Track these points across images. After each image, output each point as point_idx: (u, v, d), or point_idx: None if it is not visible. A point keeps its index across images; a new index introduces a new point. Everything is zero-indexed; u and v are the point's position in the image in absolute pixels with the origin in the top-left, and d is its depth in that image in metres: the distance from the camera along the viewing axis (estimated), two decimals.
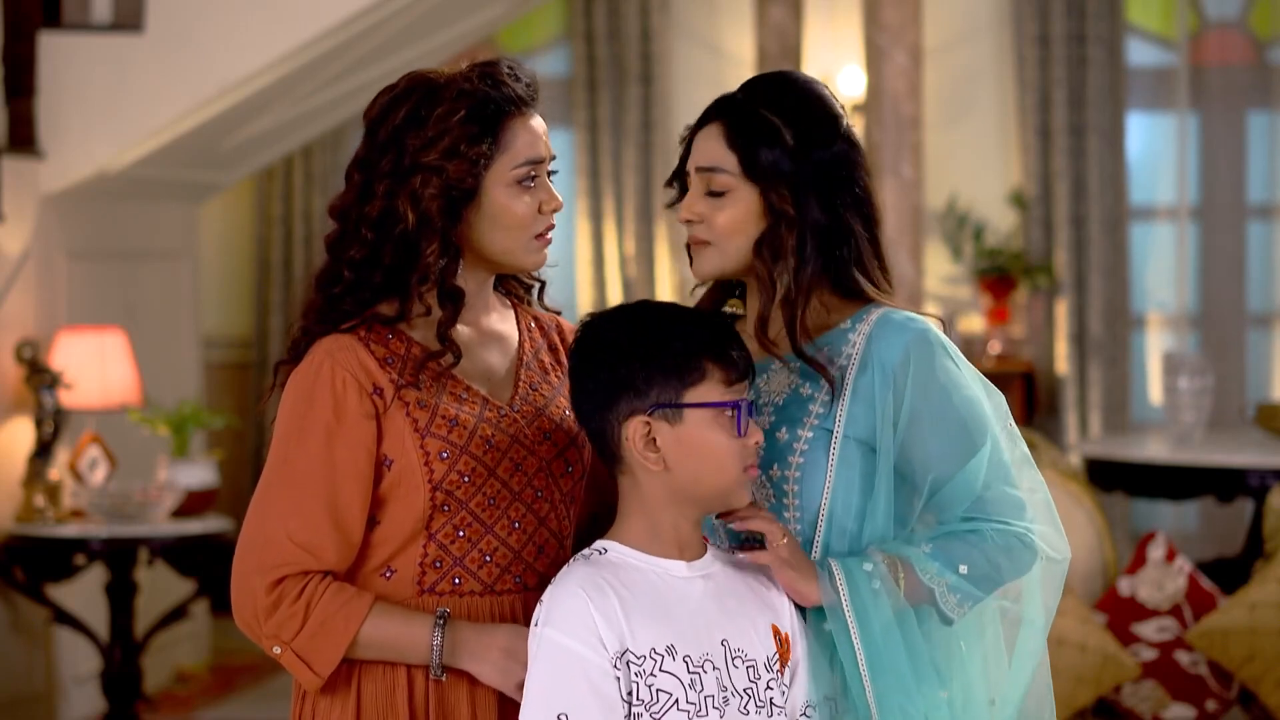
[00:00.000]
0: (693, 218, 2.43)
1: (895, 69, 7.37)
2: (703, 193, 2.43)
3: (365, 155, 2.42)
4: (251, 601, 2.34)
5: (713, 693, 2.25)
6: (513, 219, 2.41)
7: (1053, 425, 8.07)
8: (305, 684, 2.36)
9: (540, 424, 2.46)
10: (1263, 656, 4.96)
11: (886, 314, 2.43)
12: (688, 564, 2.30)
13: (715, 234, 2.42)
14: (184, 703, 6.44)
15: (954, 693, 2.41)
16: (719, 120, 2.44)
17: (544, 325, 2.58)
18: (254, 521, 2.37)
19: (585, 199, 8.34)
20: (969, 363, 2.46)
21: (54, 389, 5.75)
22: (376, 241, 2.39)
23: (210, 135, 6.33)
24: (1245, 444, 6.49)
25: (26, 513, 5.72)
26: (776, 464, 2.40)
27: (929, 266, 8.14)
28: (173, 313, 6.90)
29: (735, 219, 2.42)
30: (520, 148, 2.41)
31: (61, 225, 6.09)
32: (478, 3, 6.95)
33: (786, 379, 2.44)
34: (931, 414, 2.38)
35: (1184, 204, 8.15)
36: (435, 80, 2.41)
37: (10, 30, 5.85)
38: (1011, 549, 2.41)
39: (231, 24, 5.90)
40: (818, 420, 2.40)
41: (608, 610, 2.23)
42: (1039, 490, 2.50)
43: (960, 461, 2.38)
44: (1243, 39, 8.25)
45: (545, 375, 2.52)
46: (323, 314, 2.42)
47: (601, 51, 8.32)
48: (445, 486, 2.37)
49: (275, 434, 2.39)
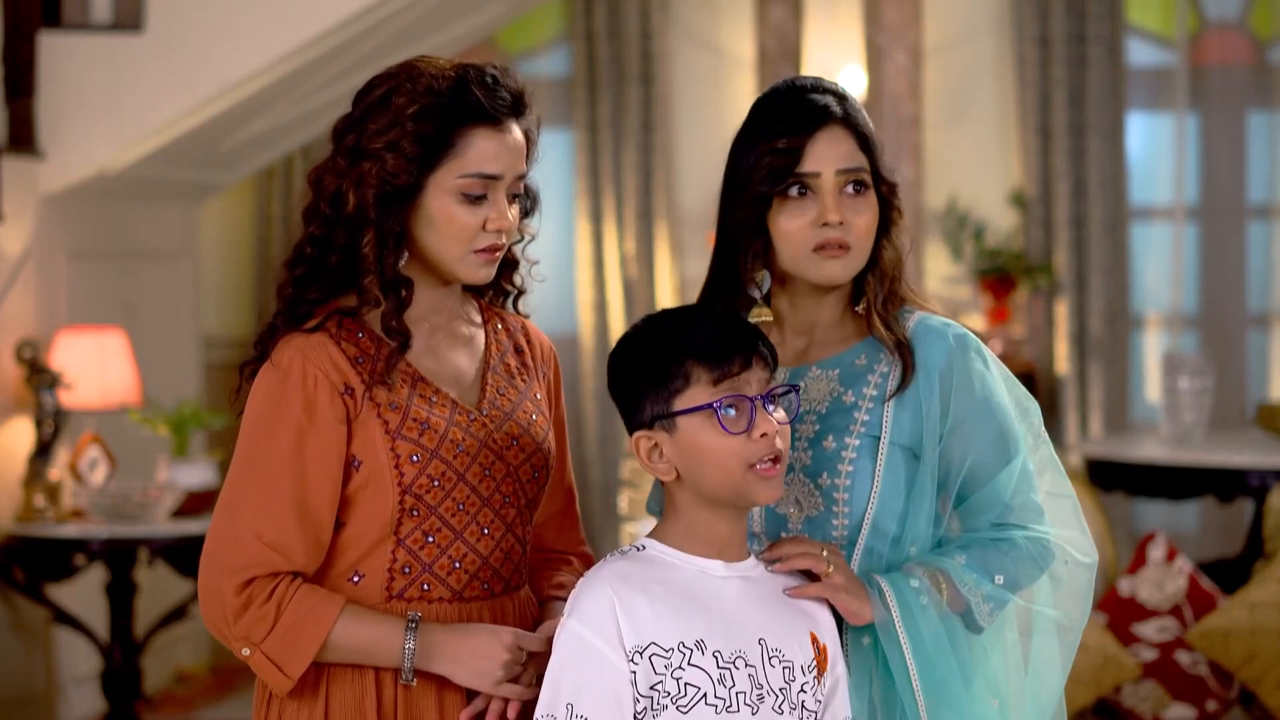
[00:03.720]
0: (841, 220, 2.42)
1: (895, 69, 7.38)
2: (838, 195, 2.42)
3: (342, 125, 2.40)
4: (220, 603, 2.31)
5: (745, 689, 2.25)
6: (450, 228, 2.37)
7: (1053, 425, 8.07)
8: (275, 687, 2.32)
9: (508, 429, 2.44)
10: (1263, 657, 4.96)
11: (924, 319, 2.46)
12: (726, 564, 2.30)
13: (856, 236, 2.43)
14: (184, 703, 6.44)
15: (1003, 698, 2.43)
16: (839, 125, 2.43)
17: (510, 327, 2.55)
18: (221, 521, 2.34)
19: (585, 199, 8.34)
20: (1002, 364, 2.49)
21: (54, 389, 5.75)
22: (331, 218, 2.36)
23: (210, 135, 6.33)
24: (1245, 444, 6.49)
25: (26, 513, 5.71)
26: (826, 473, 2.40)
27: (929, 266, 8.14)
28: (173, 313, 6.90)
29: (873, 221, 2.44)
30: (472, 158, 2.35)
31: (61, 225, 6.09)
32: (478, 3, 6.95)
33: (826, 385, 2.44)
34: (974, 421, 2.41)
35: (1184, 204, 8.15)
36: (421, 70, 2.37)
37: (10, 30, 5.85)
38: (1036, 556, 2.44)
39: (231, 24, 5.90)
40: (864, 428, 2.40)
41: (633, 606, 2.24)
42: (1068, 495, 2.52)
43: (996, 469, 2.42)
44: (1243, 39, 8.25)
45: (511, 379, 2.49)
46: (290, 307, 2.38)
47: (601, 51, 8.31)
48: (415, 490, 2.35)
49: (243, 431, 2.37)
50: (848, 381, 2.43)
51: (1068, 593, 2.48)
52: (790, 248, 2.42)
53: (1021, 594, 2.43)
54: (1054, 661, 2.49)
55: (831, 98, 2.43)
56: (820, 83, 2.46)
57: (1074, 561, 2.48)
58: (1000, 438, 2.42)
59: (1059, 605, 2.48)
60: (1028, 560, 2.42)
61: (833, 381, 2.44)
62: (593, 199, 8.35)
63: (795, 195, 2.41)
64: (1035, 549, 2.42)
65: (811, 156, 2.40)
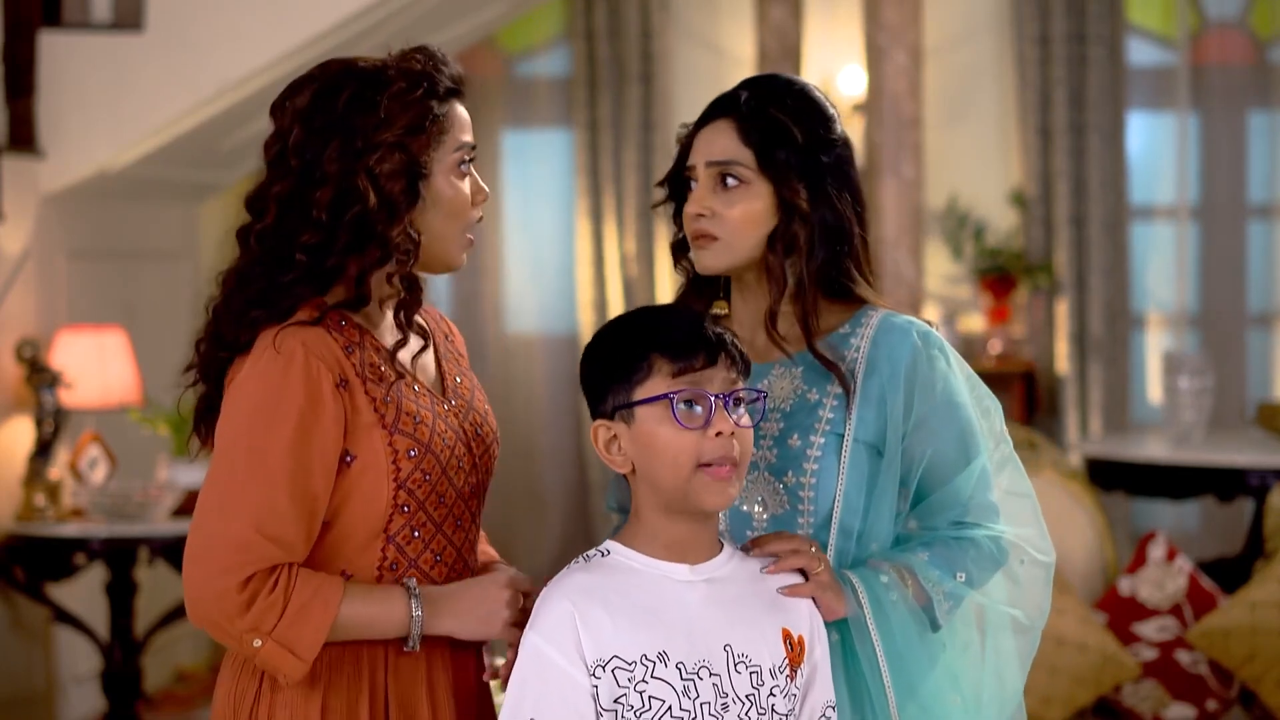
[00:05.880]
0: (704, 212, 2.43)
1: (896, 68, 7.37)
2: (713, 188, 2.44)
3: (302, 142, 2.36)
4: (219, 602, 2.26)
5: (709, 699, 2.23)
6: (455, 204, 2.39)
7: (1053, 425, 8.07)
8: (288, 673, 2.29)
9: (472, 419, 2.46)
10: (1263, 656, 4.96)
11: (887, 317, 2.45)
12: (690, 567, 2.28)
13: (726, 228, 2.43)
14: (184, 702, 6.45)
15: (964, 695, 2.43)
16: (728, 117, 2.45)
17: (435, 315, 2.57)
18: (214, 519, 2.28)
19: (585, 198, 8.34)
20: (964, 362, 2.48)
21: (54, 388, 5.75)
22: (330, 225, 2.34)
23: (210, 135, 6.33)
24: (1245, 444, 6.49)
25: (27, 512, 5.72)
26: (791, 471, 2.41)
27: (929, 266, 8.14)
28: (173, 312, 6.90)
29: (749, 213, 2.43)
30: (457, 131, 2.39)
31: (61, 225, 6.09)
32: (478, 2, 6.95)
33: (790, 384, 2.44)
34: (937, 420, 2.41)
35: (1184, 204, 8.15)
36: (365, 66, 2.38)
37: (10, 30, 5.85)
38: (994, 555, 2.45)
39: (231, 24, 5.90)
40: (829, 426, 2.41)
41: (593, 620, 2.22)
42: (1028, 494, 2.52)
43: (957, 468, 2.42)
44: (1243, 38, 8.25)
45: (459, 366, 2.52)
46: (268, 301, 2.35)
47: (602, 51, 8.32)
48: (408, 485, 2.34)
49: (233, 424, 2.31)
50: (811, 380, 2.43)
51: (1025, 592, 2.49)
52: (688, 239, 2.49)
53: (982, 593, 2.44)
54: (1013, 660, 2.49)
55: (745, 90, 2.46)
56: (761, 76, 2.49)
57: (1030, 560, 2.48)
58: (962, 437, 2.42)
59: (1016, 604, 2.48)
60: (986, 559, 2.43)
61: (796, 379, 2.44)
62: (593, 198, 8.35)
63: (692, 188, 2.47)
64: (990, 547, 2.43)
65: (694, 149, 2.47)
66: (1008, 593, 2.48)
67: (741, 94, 2.46)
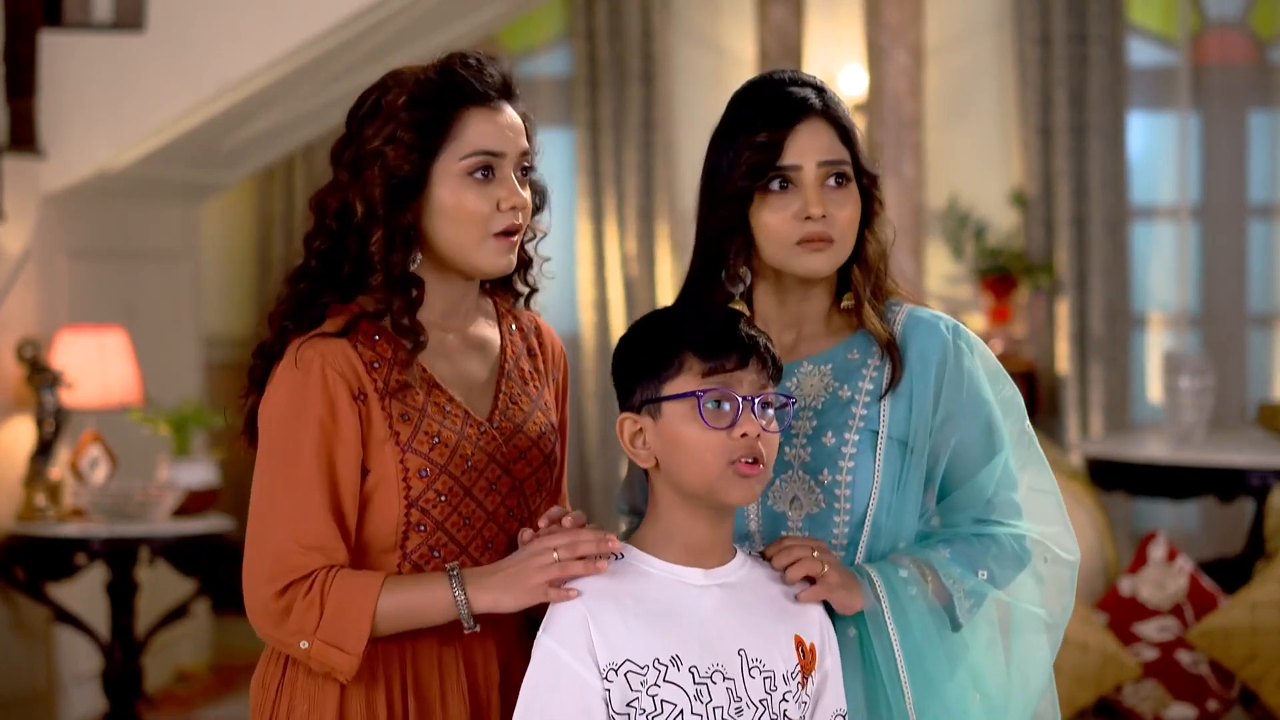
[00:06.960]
0: (826, 214, 2.40)
1: (896, 68, 7.37)
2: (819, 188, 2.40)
3: (339, 145, 2.40)
4: (265, 610, 2.31)
5: (723, 704, 2.23)
6: (462, 212, 2.35)
7: (1054, 425, 8.07)
8: (341, 669, 2.31)
9: (517, 442, 2.43)
10: (1264, 656, 4.96)
11: (914, 311, 2.45)
12: (705, 571, 2.28)
13: (838, 229, 2.41)
14: (185, 702, 6.44)
15: (985, 694, 2.42)
16: (819, 117, 2.42)
17: (524, 329, 2.53)
18: (258, 527, 2.33)
19: (586, 198, 8.34)
20: (990, 355, 2.48)
21: (55, 388, 5.75)
22: (339, 233, 2.36)
23: (210, 135, 6.33)
24: (1246, 444, 6.48)
25: (27, 512, 5.72)
26: (826, 469, 2.39)
27: (930, 266, 8.14)
28: (173, 312, 6.90)
29: (855, 214, 2.43)
30: (471, 138, 2.35)
31: (62, 225, 6.09)
32: (478, 2, 6.94)
33: (820, 381, 2.43)
34: (963, 415, 2.41)
35: (1185, 204, 8.14)
36: (406, 70, 2.38)
37: (11, 29, 5.85)
38: (1017, 554, 2.44)
39: (231, 24, 5.90)
40: (863, 423, 2.40)
41: (607, 623, 2.22)
42: (1051, 491, 2.50)
43: (980, 464, 2.41)
44: (1244, 38, 8.24)
45: (525, 386, 2.48)
46: (296, 310, 2.37)
47: (602, 51, 8.32)
48: (421, 504, 2.34)
49: (266, 437, 2.36)
50: (842, 376, 2.42)
51: (1049, 590, 2.47)
52: (773, 242, 2.40)
53: (1005, 592, 2.42)
54: (1038, 660, 2.47)
55: (811, 90, 2.42)
56: (798, 76, 2.45)
57: (1055, 559, 2.47)
58: (986, 433, 2.41)
59: (1041, 603, 2.47)
60: (1009, 558, 2.42)
61: (826, 376, 2.42)
62: (594, 198, 8.35)
63: (776, 189, 2.40)
64: (1014, 546, 2.42)
65: (792, 149, 2.39)
66: (1036, 592, 2.46)
67: (811, 93, 2.42)
